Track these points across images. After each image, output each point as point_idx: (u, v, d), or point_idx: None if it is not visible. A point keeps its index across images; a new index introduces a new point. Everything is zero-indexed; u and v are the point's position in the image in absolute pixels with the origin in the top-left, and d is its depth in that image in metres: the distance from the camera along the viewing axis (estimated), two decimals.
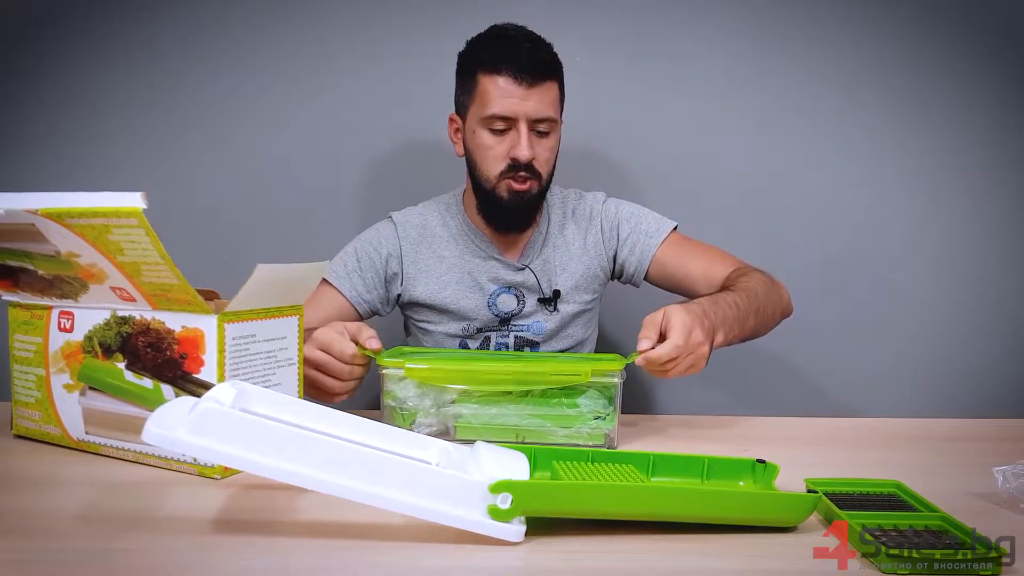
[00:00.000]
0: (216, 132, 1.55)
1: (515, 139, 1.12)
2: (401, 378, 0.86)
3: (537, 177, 1.15)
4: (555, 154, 1.18)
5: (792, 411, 1.51)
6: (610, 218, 1.25)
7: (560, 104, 1.17)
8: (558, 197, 1.28)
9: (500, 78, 1.11)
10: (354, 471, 0.56)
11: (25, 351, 0.83)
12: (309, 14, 1.54)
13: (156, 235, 0.66)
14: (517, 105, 1.10)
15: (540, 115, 1.11)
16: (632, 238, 1.23)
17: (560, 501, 0.59)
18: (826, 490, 0.66)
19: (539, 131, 1.13)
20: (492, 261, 1.22)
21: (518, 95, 1.10)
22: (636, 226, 1.23)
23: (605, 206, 1.26)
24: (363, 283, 1.22)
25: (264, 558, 0.55)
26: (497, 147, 1.13)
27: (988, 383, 1.57)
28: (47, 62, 1.54)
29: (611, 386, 0.86)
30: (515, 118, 1.11)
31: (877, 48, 1.54)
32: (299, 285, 0.80)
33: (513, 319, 1.22)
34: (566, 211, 1.26)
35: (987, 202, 1.56)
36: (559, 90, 1.16)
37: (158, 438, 0.56)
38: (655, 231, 1.22)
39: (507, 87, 1.10)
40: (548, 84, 1.12)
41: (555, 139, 1.16)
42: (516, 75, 1.10)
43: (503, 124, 1.12)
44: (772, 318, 1.12)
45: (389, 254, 1.23)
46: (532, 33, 1.16)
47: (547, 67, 1.12)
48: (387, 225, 1.26)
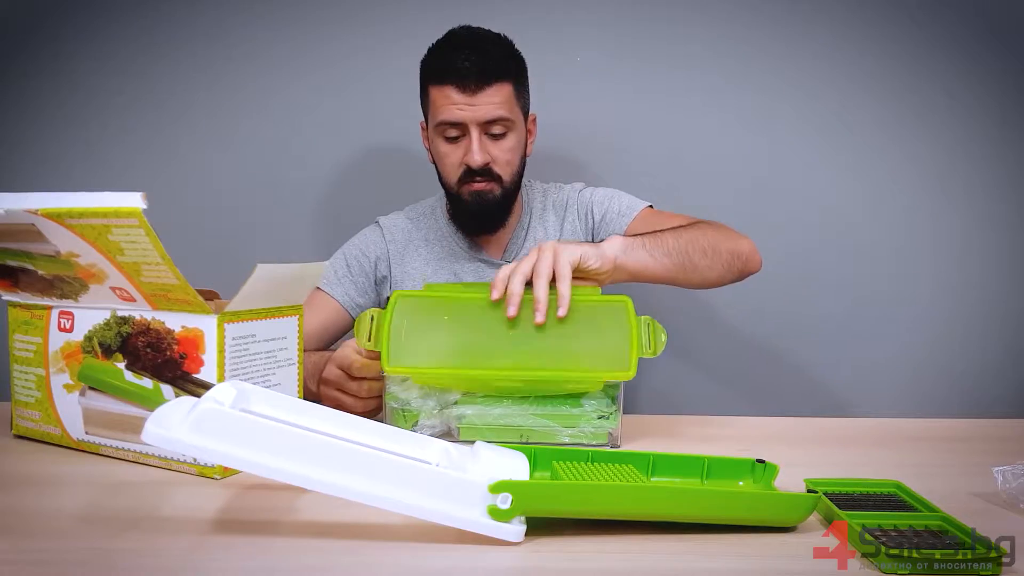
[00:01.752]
0: (216, 132, 1.55)
1: (468, 145, 1.12)
2: (404, 379, 0.85)
3: (497, 179, 1.15)
4: (518, 154, 1.17)
5: (792, 411, 1.52)
6: (584, 203, 1.26)
7: (519, 102, 1.16)
8: (538, 191, 1.29)
9: (446, 88, 1.11)
10: (354, 471, 0.56)
11: (25, 351, 0.83)
12: (309, 16, 1.54)
13: (156, 235, 0.66)
14: (464, 111, 1.11)
15: (489, 117, 1.11)
16: (607, 218, 1.24)
17: (560, 501, 0.59)
18: (826, 490, 0.66)
19: (493, 133, 1.13)
20: (476, 262, 1.24)
21: (464, 102, 1.10)
22: (609, 207, 1.24)
23: (581, 194, 1.27)
24: (355, 287, 1.23)
25: (264, 558, 0.55)
26: (452, 154, 1.15)
27: (988, 383, 1.57)
28: (47, 62, 1.54)
29: (615, 385, 0.86)
30: (465, 123, 1.11)
31: (875, 47, 1.54)
32: (299, 285, 0.80)
33: None
34: (546, 203, 1.28)
35: (987, 201, 1.56)
36: (513, 89, 1.14)
37: (158, 438, 0.56)
38: (627, 209, 1.23)
39: (452, 95, 1.11)
40: (496, 86, 1.11)
41: (514, 139, 1.15)
42: (459, 83, 1.10)
43: (455, 131, 1.13)
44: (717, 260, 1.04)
45: (378, 257, 1.25)
46: (482, 35, 1.15)
47: (493, 70, 1.11)
48: (374, 230, 1.28)
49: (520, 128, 1.17)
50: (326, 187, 1.56)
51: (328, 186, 1.56)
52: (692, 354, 1.58)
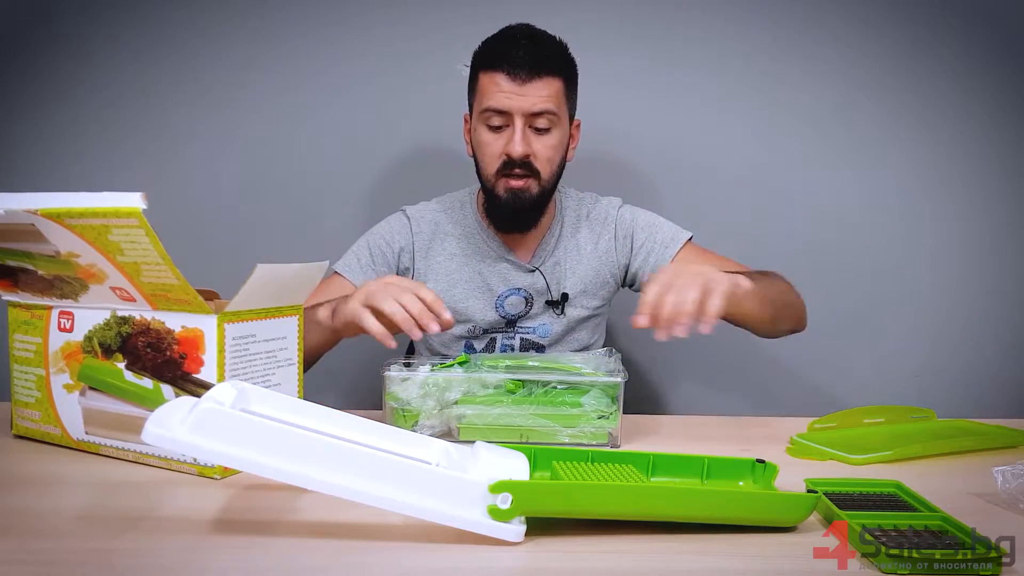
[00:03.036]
0: (216, 132, 1.55)
1: (510, 135, 1.11)
2: (404, 379, 0.85)
3: (536, 175, 1.12)
4: (559, 152, 1.15)
5: (792, 411, 1.51)
6: (625, 225, 1.23)
7: (567, 101, 1.15)
8: (573, 200, 1.26)
9: (496, 74, 1.10)
10: (354, 471, 0.56)
11: (25, 351, 0.83)
12: (310, 16, 1.54)
13: (156, 235, 0.66)
14: (511, 100, 1.09)
15: (535, 109, 1.09)
16: (647, 247, 1.21)
17: (560, 501, 0.59)
18: (826, 490, 0.66)
19: (537, 127, 1.11)
20: (503, 263, 1.21)
21: (513, 90, 1.09)
22: (651, 235, 1.21)
23: (620, 212, 1.24)
24: (376, 277, 1.18)
25: (264, 558, 0.55)
26: (494, 144, 1.12)
27: (988, 383, 1.57)
28: (47, 63, 1.54)
29: (614, 385, 0.86)
30: (510, 112, 1.10)
31: (877, 49, 1.54)
32: (299, 285, 0.80)
33: (520, 320, 1.21)
34: (580, 214, 1.24)
35: (987, 201, 1.56)
36: (563, 86, 1.13)
37: (158, 438, 0.56)
38: (670, 240, 1.20)
39: (502, 82, 1.09)
40: (547, 79, 1.10)
41: (557, 136, 1.13)
42: (511, 71, 1.09)
43: (499, 120, 1.11)
44: (787, 312, 1.11)
45: (402, 248, 1.22)
46: (539, 31, 1.14)
47: (545, 62, 1.10)
48: (400, 219, 1.24)
49: (564, 127, 1.15)
50: (326, 187, 1.56)
51: (328, 186, 1.56)
52: (692, 354, 1.57)
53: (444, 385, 0.86)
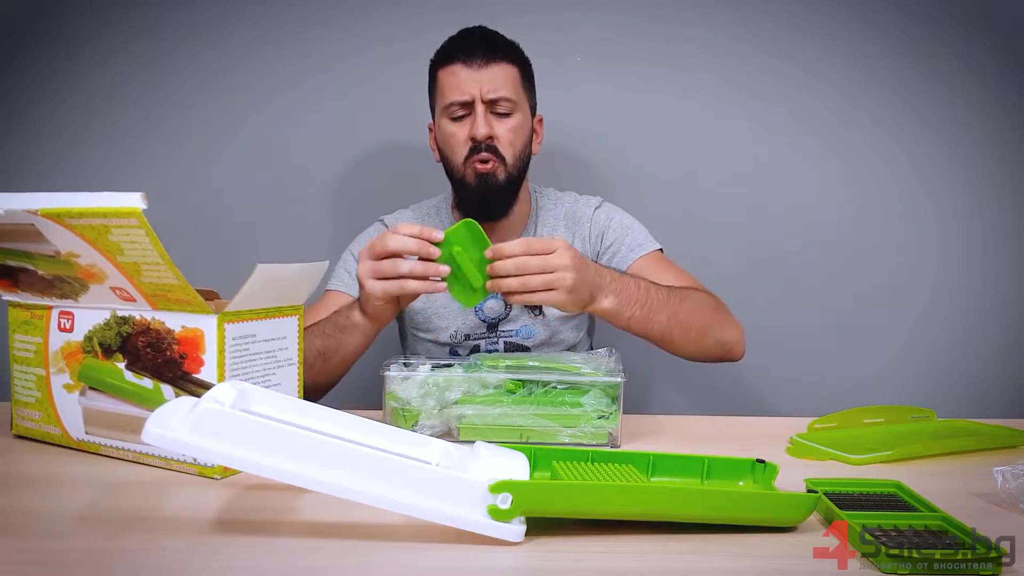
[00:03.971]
0: (216, 132, 1.55)
1: (473, 120, 1.13)
2: (404, 378, 0.85)
3: (501, 159, 1.14)
4: (521, 137, 1.16)
5: (792, 411, 1.51)
6: (599, 224, 1.24)
7: (524, 89, 1.18)
8: (551, 199, 1.27)
9: (453, 66, 1.14)
10: (354, 471, 0.56)
11: (25, 351, 0.83)
12: (310, 16, 1.54)
13: (156, 235, 0.66)
14: (470, 85, 1.12)
15: (494, 94, 1.12)
16: (614, 247, 1.22)
17: (560, 501, 0.59)
18: (826, 490, 0.66)
19: (498, 112, 1.14)
20: None
21: (470, 76, 1.12)
22: (622, 236, 1.22)
23: (597, 212, 1.25)
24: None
25: (264, 558, 0.55)
26: (459, 133, 1.15)
27: (988, 383, 1.57)
28: (48, 63, 1.54)
29: (614, 385, 0.86)
30: (471, 100, 1.13)
31: (873, 48, 1.54)
32: (299, 285, 0.80)
33: (500, 324, 1.21)
34: (557, 214, 1.26)
35: (986, 201, 1.56)
36: (519, 74, 1.16)
37: (158, 438, 0.56)
38: (637, 246, 1.21)
39: (459, 71, 1.13)
40: (502, 65, 1.14)
41: (518, 120, 1.15)
42: (466, 59, 1.13)
43: (461, 110, 1.14)
44: (695, 332, 1.05)
45: None
46: (490, 29, 1.18)
47: (500, 50, 1.14)
48: (378, 229, 1.26)
49: (525, 113, 1.18)
50: (326, 187, 1.56)
51: (328, 186, 1.56)
52: None
53: (444, 385, 0.86)
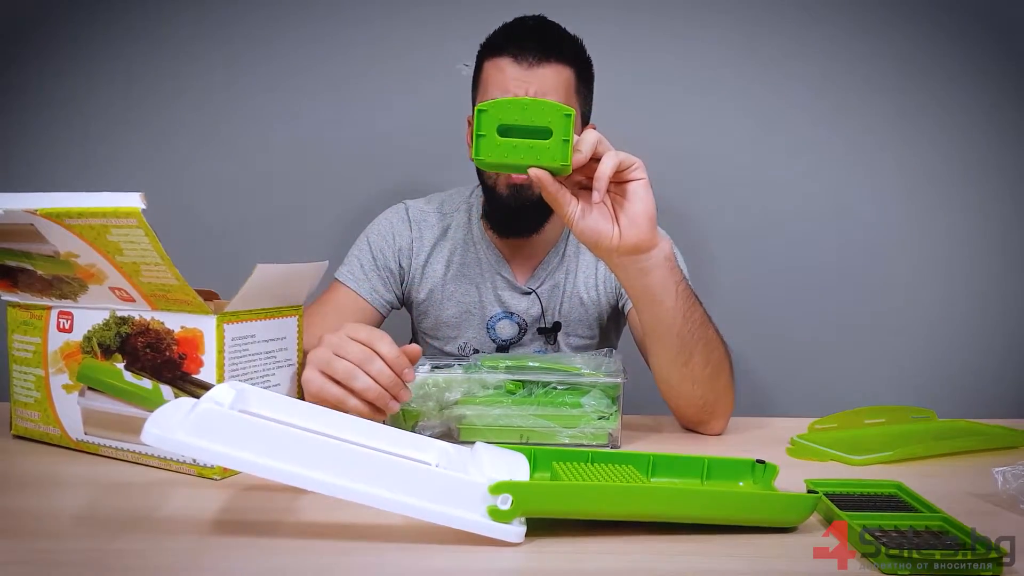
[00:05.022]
0: (216, 132, 1.55)
1: None
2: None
3: None
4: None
5: (792, 411, 1.51)
6: None
7: (578, 94, 1.08)
8: None
9: (501, 59, 1.04)
10: (354, 472, 0.56)
11: (24, 351, 0.83)
12: (310, 16, 1.54)
13: (155, 235, 0.66)
14: (515, 85, 1.01)
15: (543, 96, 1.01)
16: None
17: (560, 502, 0.59)
18: (826, 490, 0.66)
19: None
20: (499, 278, 1.16)
21: (518, 76, 1.02)
22: None
23: None
24: (382, 282, 1.17)
25: (264, 558, 0.55)
26: None
27: (988, 383, 1.57)
28: (48, 63, 1.54)
29: (615, 386, 0.86)
30: None
31: (887, 47, 1.54)
32: (299, 285, 0.80)
33: (511, 347, 1.17)
34: None
35: (987, 201, 1.56)
36: (574, 77, 1.06)
37: (157, 439, 0.56)
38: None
39: (507, 68, 1.03)
40: (556, 66, 1.03)
41: None
42: (517, 55, 1.02)
43: None
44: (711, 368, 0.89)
45: (401, 248, 1.19)
46: (550, 21, 1.08)
47: (555, 48, 1.03)
48: (401, 215, 1.20)
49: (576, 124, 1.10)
50: (326, 187, 1.56)
51: (328, 186, 1.56)
52: None
53: (444, 385, 0.85)
